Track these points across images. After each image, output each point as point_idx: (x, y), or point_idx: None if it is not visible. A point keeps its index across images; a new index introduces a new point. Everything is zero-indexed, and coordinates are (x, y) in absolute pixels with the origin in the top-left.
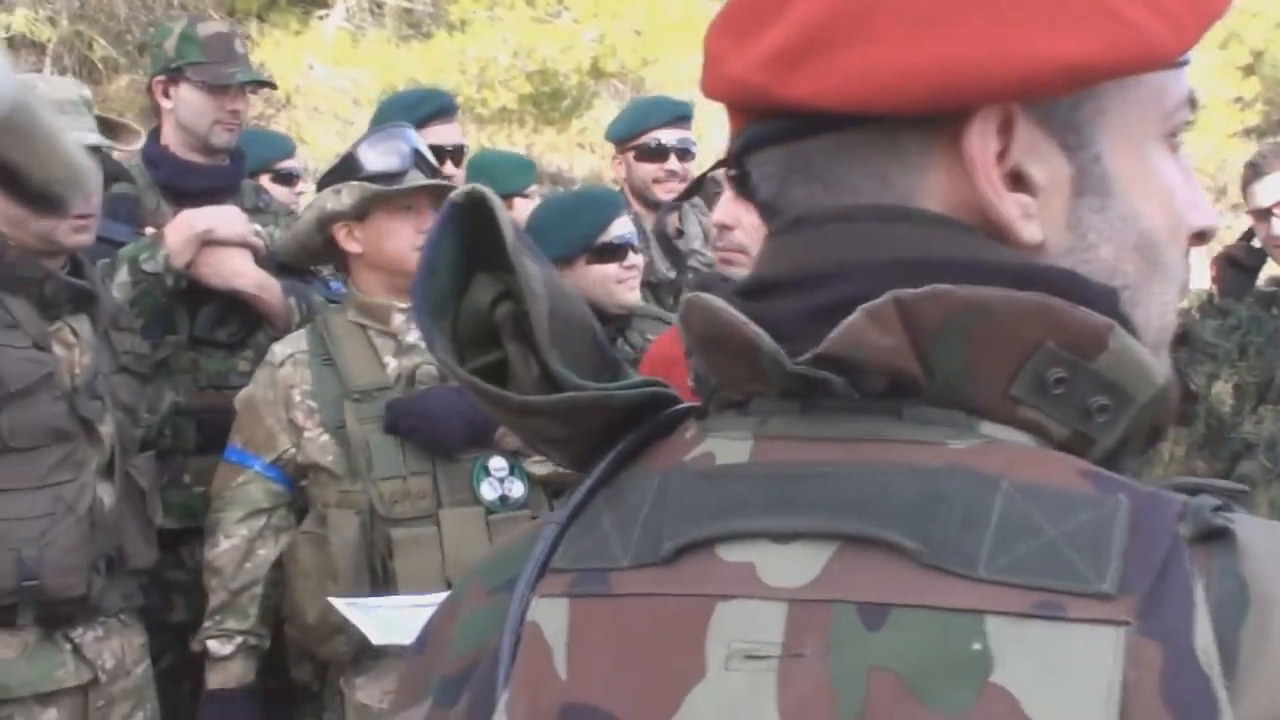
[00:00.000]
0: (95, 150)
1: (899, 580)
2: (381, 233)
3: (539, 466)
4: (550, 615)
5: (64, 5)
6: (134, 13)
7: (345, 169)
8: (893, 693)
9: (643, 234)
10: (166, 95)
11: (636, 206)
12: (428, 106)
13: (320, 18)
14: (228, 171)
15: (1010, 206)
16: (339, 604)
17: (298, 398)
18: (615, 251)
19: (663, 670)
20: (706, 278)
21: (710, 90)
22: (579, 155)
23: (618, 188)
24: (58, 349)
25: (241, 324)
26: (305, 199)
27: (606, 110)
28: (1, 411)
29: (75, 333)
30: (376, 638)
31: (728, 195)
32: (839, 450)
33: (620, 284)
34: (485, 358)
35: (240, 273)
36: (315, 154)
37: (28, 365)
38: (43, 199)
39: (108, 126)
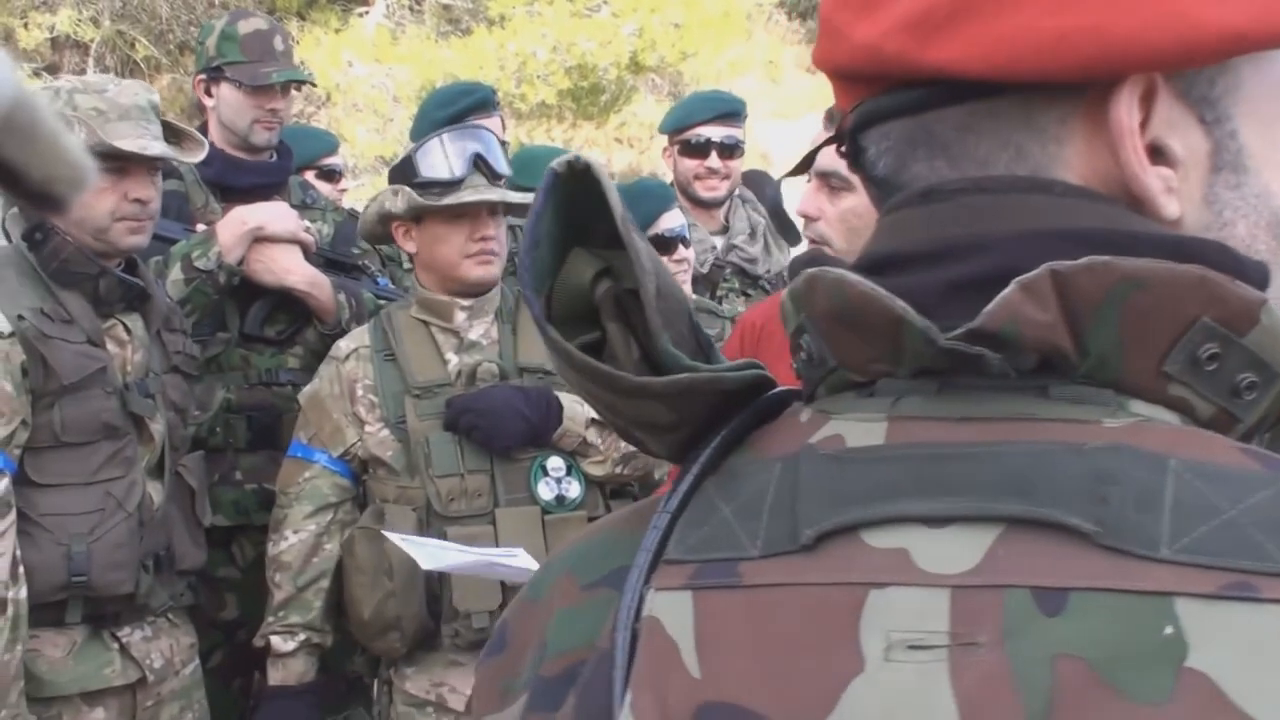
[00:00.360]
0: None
1: (1075, 563)
2: (435, 237)
3: (596, 467)
4: (672, 609)
5: (106, 5)
6: (176, 12)
7: (403, 170)
8: (1082, 680)
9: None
10: (209, 94)
11: (683, 202)
12: (468, 100)
13: (360, 15)
14: (275, 168)
15: (1153, 180)
16: (393, 536)
17: (360, 392)
18: (665, 244)
19: (812, 664)
20: (815, 254)
21: (828, 59)
22: (617, 150)
23: (670, 180)
24: (111, 346)
25: (290, 320)
26: (349, 196)
27: (644, 105)
28: (54, 405)
29: (128, 330)
30: (425, 563)
31: (812, 186)
32: (986, 430)
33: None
34: (580, 338)
35: (291, 270)
36: (354, 151)
37: (82, 360)
38: (43, 198)
39: (172, 132)
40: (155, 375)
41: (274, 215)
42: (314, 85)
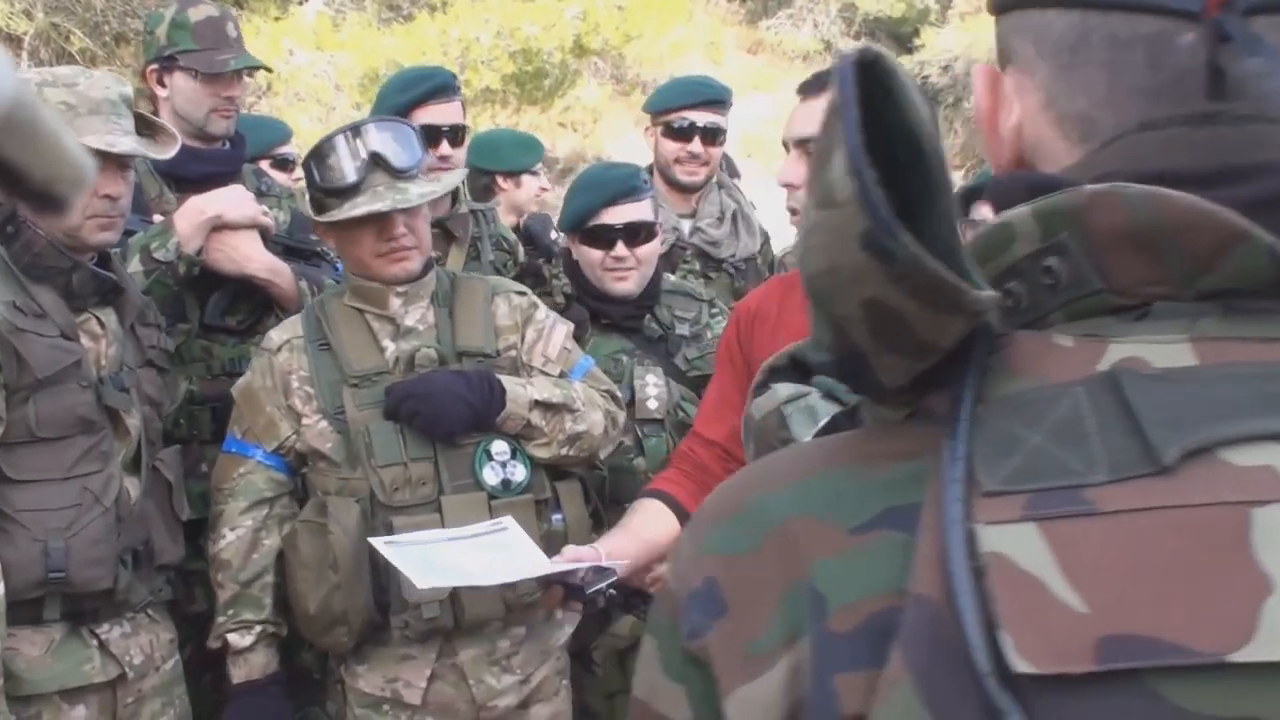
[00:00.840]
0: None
1: None
2: (345, 239)
3: (541, 449)
4: (1018, 543)
5: None
6: (111, 4)
7: (307, 172)
8: None
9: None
10: (161, 84)
11: (659, 183)
12: (426, 85)
13: (300, 2)
14: (229, 156)
15: None
16: (378, 544)
17: (295, 384)
18: (600, 237)
19: (1211, 588)
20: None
21: None
22: (561, 134)
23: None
24: (85, 340)
25: (251, 309)
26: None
27: (588, 89)
28: (29, 400)
29: (102, 324)
30: (420, 581)
31: (791, 155)
32: None
33: (607, 271)
34: None
35: (251, 257)
36: (297, 140)
37: (56, 353)
38: (44, 199)
39: (145, 124)
40: (130, 369)
41: (232, 202)
42: (269, 70)
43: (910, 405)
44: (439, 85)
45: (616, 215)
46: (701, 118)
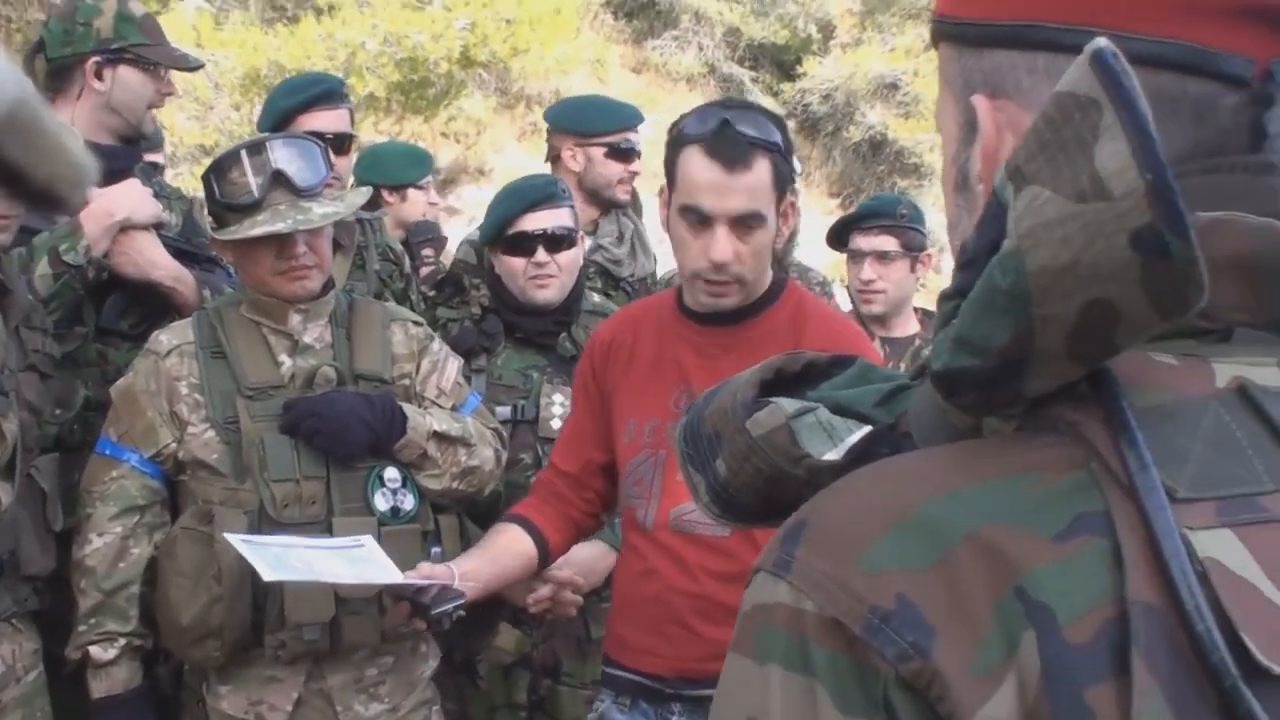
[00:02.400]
0: None
1: None
2: (241, 258)
3: (433, 480)
4: (1223, 548)
5: None
6: None
7: (207, 185)
8: None
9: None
10: (99, 77)
11: (582, 200)
12: (315, 90)
13: None
14: (125, 153)
15: None
16: (234, 539)
17: (184, 390)
18: (521, 244)
19: None
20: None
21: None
22: (444, 144)
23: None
24: None
25: (146, 313)
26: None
27: (472, 100)
28: None
29: None
30: (268, 574)
31: (722, 232)
32: None
33: (530, 280)
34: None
35: (157, 263)
36: (174, 137)
37: None
38: (46, 198)
39: None
40: (10, 373)
41: (137, 202)
42: (201, 68)
43: (1018, 418)
44: (326, 91)
45: (536, 221)
46: (635, 139)
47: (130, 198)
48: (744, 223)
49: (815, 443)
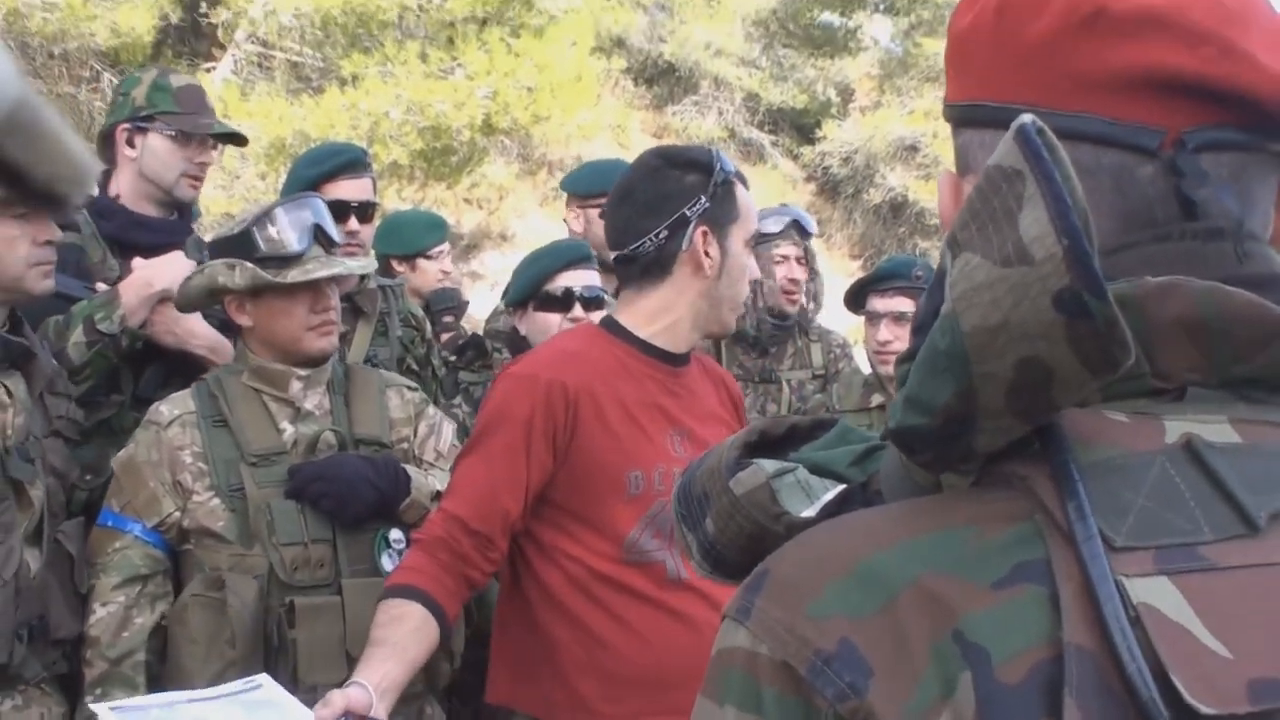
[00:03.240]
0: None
1: None
2: (275, 311)
3: None
4: (1159, 594)
5: None
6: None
7: (241, 244)
8: None
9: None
10: (131, 144)
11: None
12: (338, 159)
13: (208, 70)
14: (177, 226)
15: None
16: (101, 709)
17: (188, 459)
18: (558, 301)
19: None
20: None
21: (1224, 75)
22: (467, 211)
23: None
24: None
25: (184, 384)
26: None
27: (494, 166)
28: None
29: (9, 392)
30: None
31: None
32: None
33: None
34: None
35: (195, 333)
36: (200, 206)
37: None
38: (46, 198)
39: None
40: (36, 439)
41: (178, 275)
42: (244, 143)
43: (974, 473)
44: (350, 160)
45: (573, 279)
46: (576, 280)
47: (173, 270)
48: None
49: (794, 501)
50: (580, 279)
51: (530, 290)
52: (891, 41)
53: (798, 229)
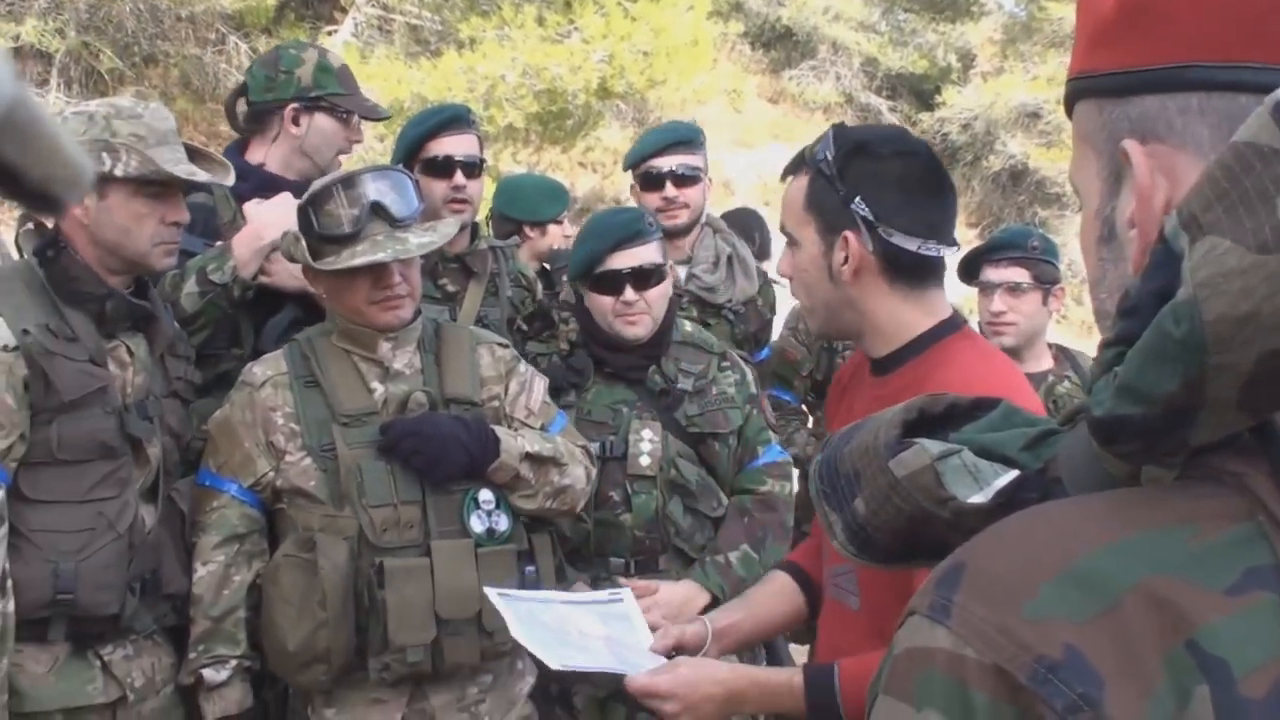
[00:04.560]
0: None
1: None
2: (338, 287)
3: (526, 501)
4: None
5: (73, 16)
6: (142, 25)
7: (302, 219)
8: None
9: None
10: (296, 123)
11: None
12: (439, 117)
13: (329, 33)
14: (301, 187)
15: None
16: (491, 593)
17: (280, 420)
18: (609, 283)
19: None
20: None
21: None
22: (581, 174)
23: None
24: (112, 367)
25: None
26: None
27: (609, 130)
28: (53, 422)
29: (131, 352)
30: (515, 629)
31: (785, 247)
32: None
33: (618, 318)
34: None
35: None
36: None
37: (83, 378)
38: (41, 199)
39: (191, 154)
40: (155, 399)
41: (288, 222)
42: (389, 119)
43: (1179, 467)
44: (453, 116)
45: (623, 260)
46: (669, 162)
47: (281, 217)
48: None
49: (960, 485)
50: (630, 259)
51: (584, 270)
52: (1016, 5)
53: None
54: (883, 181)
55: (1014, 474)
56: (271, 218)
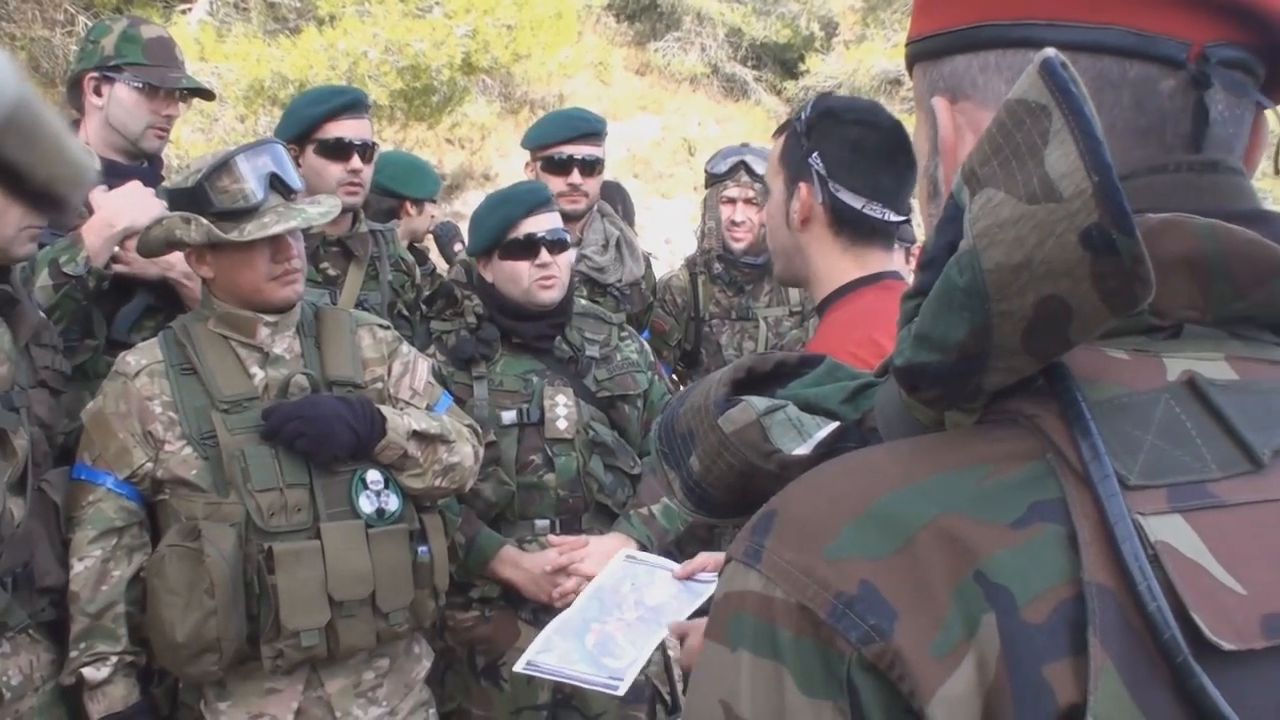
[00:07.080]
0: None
1: None
2: (235, 263)
3: (415, 480)
4: (1174, 533)
5: None
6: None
7: (195, 198)
8: None
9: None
10: (98, 93)
11: None
12: (340, 99)
13: (183, 11)
14: (148, 174)
15: None
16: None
17: (157, 409)
18: (524, 248)
19: None
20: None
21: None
22: (449, 151)
23: None
24: None
25: (157, 326)
26: None
27: (476, 106)
28: None
29: None
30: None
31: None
32: None
33: (535, 281)
34: None
35: (174, 264)
36: (179, 150)
37: None
38: (45, 198)
39: None
40: (21, 389)
41: (138, 209)
42: (211, 98)
43: (979, 412)
44: (353, 100)
45: (537, 224)
46: (579, 151)
47: (131, 204)
48: None
49: (785, 439)
50: (544, 223)
51: (494, 239)
52: None
53: (746, 170)
54: (840, 143)
55: (834, 426)
56: (123, 204)
